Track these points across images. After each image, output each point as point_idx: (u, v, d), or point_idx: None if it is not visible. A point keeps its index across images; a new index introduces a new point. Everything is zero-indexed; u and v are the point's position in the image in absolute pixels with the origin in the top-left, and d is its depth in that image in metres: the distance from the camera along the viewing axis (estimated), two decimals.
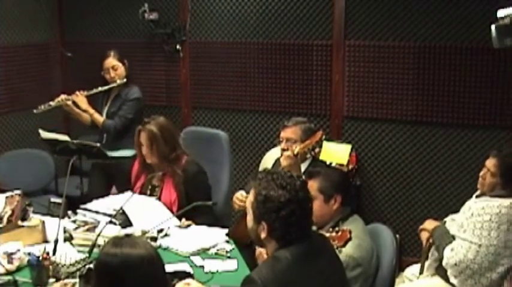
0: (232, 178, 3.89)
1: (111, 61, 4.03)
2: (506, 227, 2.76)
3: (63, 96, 4.03)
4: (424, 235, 3.18)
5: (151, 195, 3.30)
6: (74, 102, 4.03)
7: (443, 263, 2.89)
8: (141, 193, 3.31)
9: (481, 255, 2.79)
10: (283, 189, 1.99)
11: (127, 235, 1.91)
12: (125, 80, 4.03)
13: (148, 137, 3.20)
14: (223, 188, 3.75)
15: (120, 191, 3.49)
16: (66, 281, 2.36)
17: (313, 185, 2.71)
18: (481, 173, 2.99)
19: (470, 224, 2.85)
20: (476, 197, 3.03)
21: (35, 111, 4.03)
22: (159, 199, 3.26)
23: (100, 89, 4.05)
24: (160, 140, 3.18)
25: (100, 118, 4.01)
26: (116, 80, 4.02)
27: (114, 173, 4.00)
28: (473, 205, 2.91)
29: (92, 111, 4.02)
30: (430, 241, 3.09)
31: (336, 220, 2.70)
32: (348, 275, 2.48)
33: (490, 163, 2.93)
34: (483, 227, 2.79)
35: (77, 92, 4.04)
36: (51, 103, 4.01)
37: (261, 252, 2.71)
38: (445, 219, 3.17)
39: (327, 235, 2.39)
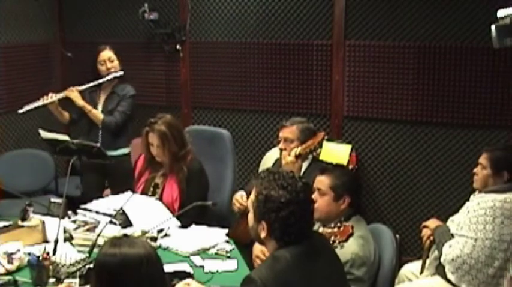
0: (235, 176, 3.87)
1: (108, 53, 3.99)
2: (501, 221, 2.81)
3: (52, 95, 3.91)
4: (425, 232, 3.19)
5: (153, 193, 3.31)
6: (68, 99, 3.93)
7: (442, 260, 2.93)
8: (143, 189, 3.33)
9: (477, 249, 2.82)
10: (284, 189, 1.99)
11: (125, 235, 1.90)
12: (122, 72, 3.97)
13: (160, 137, 3.20)
14: (227, 186, 3.74)
15: (116, 190, 3.48)
16: (69, 281, 2.36)
17: (324, 181, 2.72)
18: (475, 170, 3.11)
19: (466, 221, 2.91)
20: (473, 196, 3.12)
21: (19, 111, 3.87)
22: (161, 196, 3.27)
23: (96, 82, 3.96)
24: (171, 139, 3.20)
25: (99, 115, 3.93)
26: (112, 72, 3.96)
27: (108, 173, 3.97)
28: (470, 204, 3.00)
29: (89, 108, 3.92)
30: (431, 238, 3.11)
31: (339, 219, 2.70)
32: (354, 273, 2.49)
33: (482, 157, 3.07)
34: (478, 222, 2.85)
35: (72, 88, 3.95)
36: (39, 103, 3.87)
37: (257, 255, 2.72)
38: (447, 223, 3.19)
39: (329, 230, 2.40)
